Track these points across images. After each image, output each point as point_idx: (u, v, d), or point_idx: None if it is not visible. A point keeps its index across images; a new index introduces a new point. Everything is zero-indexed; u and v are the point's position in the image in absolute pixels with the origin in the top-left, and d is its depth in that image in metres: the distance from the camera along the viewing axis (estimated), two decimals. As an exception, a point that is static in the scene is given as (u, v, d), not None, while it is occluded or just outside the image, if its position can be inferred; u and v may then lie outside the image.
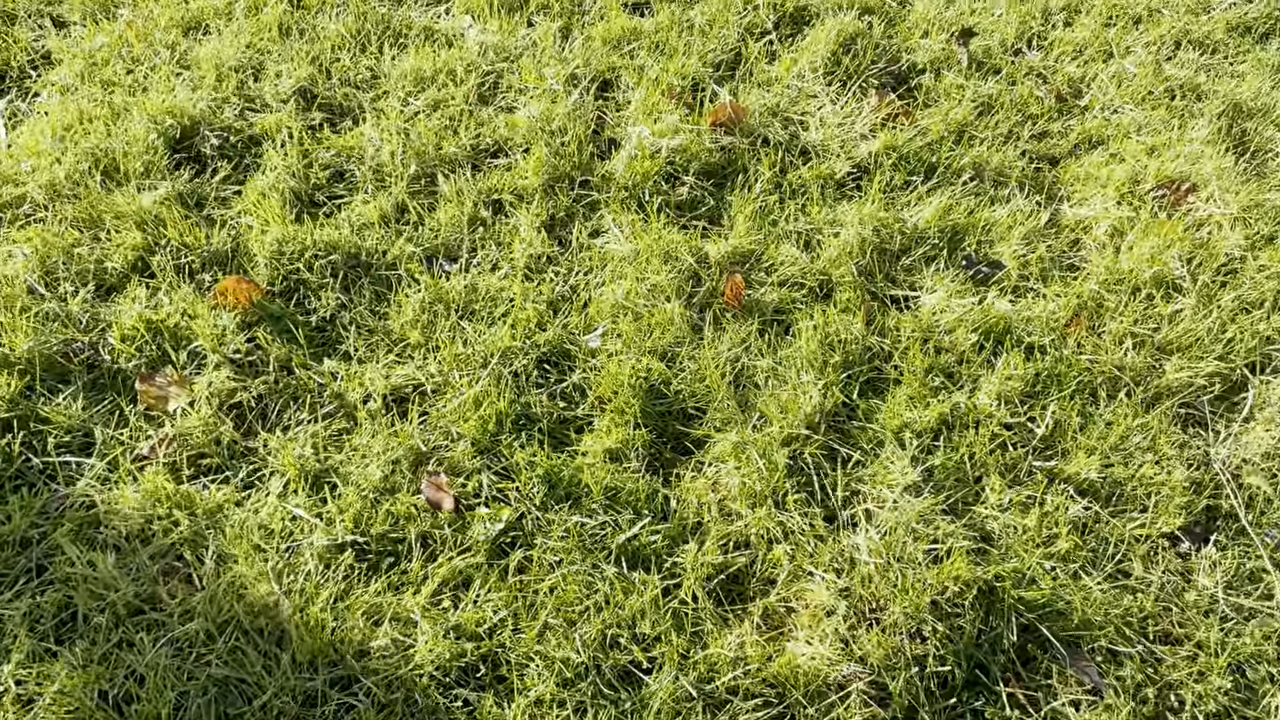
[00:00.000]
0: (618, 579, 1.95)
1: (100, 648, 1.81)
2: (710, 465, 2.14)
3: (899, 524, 2.03)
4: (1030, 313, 2.45)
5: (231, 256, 2.47)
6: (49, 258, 2.38)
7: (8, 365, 2.18)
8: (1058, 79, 3.16)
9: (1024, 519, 2.09)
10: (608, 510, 2.05)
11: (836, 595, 1.94)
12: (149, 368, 2.24)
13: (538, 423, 2.19)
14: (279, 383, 2.24)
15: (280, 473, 2.09)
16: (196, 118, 2.76)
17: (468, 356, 2.29)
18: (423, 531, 2.01)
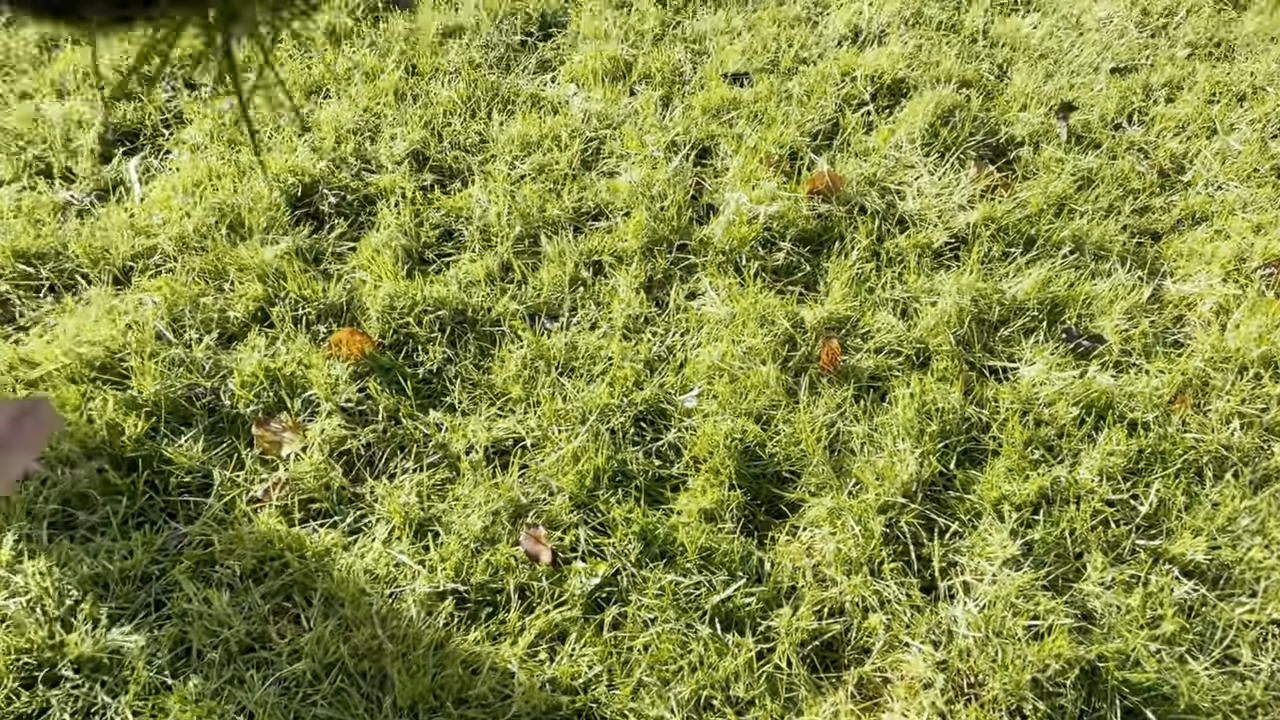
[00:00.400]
0: (712, 640, 1.96)
1: (213, 683, 1.88)
2: (805, 529, 2.15)
3: (998, 598, 2.01)
4: (1133, 388, 2.42)
5: (345, 309, 2.57)
6: (176, 306, 2.52)
7: (136, 407, 2.30)
8: (1159, 154, 3.14)
9: (1127, 598, 2.05)
10: (702, 570, 2.07)
11: (934, 668, 1.92)
12: (265, 413, 2.34)
13: (634, 480, 2.23)
14: (387, 432, 2.32)
15: (386, 519, 2.15)
16: (316, 177, 2.90)
17: (567, 412, 2.34)
18: (521, 583, 2.05)
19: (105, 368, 2.37)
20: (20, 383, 2.34)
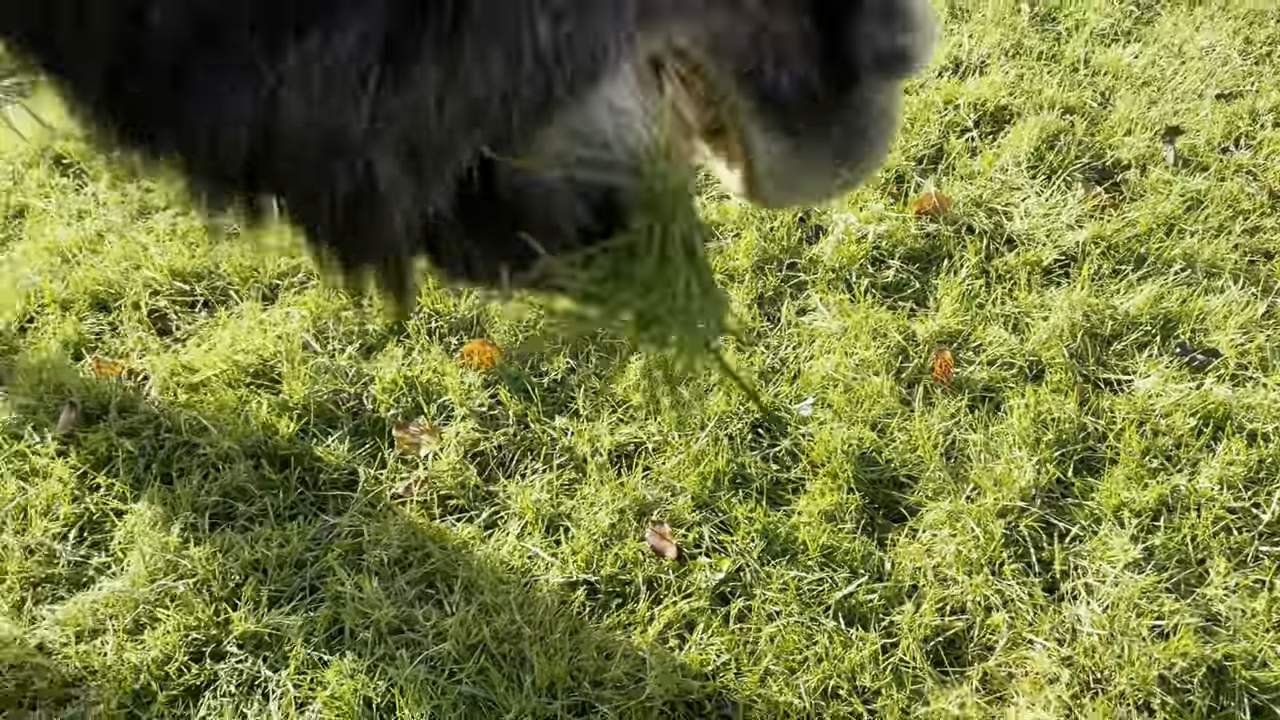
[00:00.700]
0: (836, 633, 2.02)
1: (365, 660, 2.00)
2: (924, 531, 2.21)
3: (1121, 599, 2.03)
4: (1251, 400, 2.43)
5: (474, 324, 2.72)
6: (320, 319, 2.70)
7: (287, 409, 2.46)
8: (1268, 176, 3.15)
9: (1253, 602, 2.05)
10: (823, 567, 2.13)
11: (1059, 663, 1.95)
12: (404, 417, 2.49)
13: (753, 482, 2.31)
14: (516, 435, 2.45)
15: (519, 515, 2.27)
16: (444, 202, 3.08)
17: (688, 420, 2.44)
18: (649, 576, 2.14)
19: (259, 374, 2.56)
20: (182, 387, 2.53)
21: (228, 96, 0.65)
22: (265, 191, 0.74)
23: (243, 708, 1.96)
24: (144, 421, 2.46)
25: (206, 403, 2.49)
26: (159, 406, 2.50)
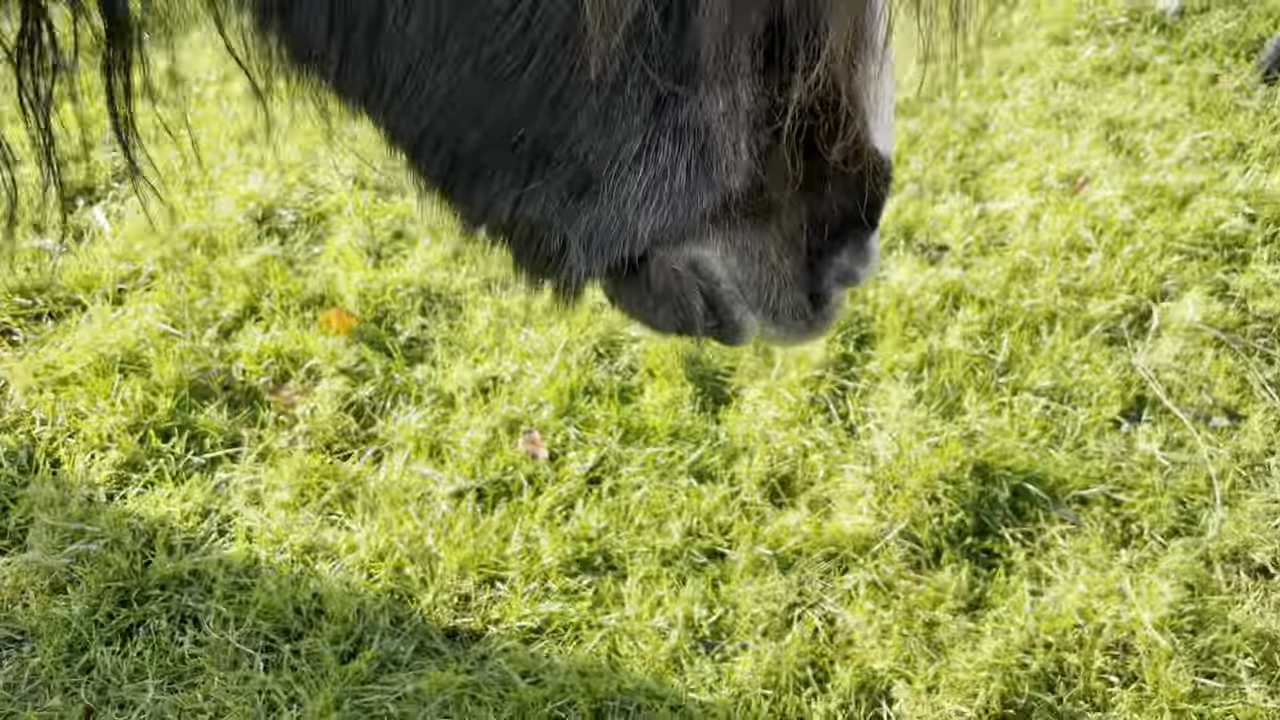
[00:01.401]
0: (690, 490, 2.44)
1: (286, 578, 2.22)
2: (748, 406, 2.67)
3: (904, 429, 2.56)
4: (977, 277, 3.06)
5: (324, 299, 2.97)
6: (174, 311, 2.86)
7: (161, 389, 2.63)
8: (967, 116, 3.88)
9: (999, 419, 2.64)
10: (672, 443, 2.55)
11: (864, 480, 2.45)
12: (275, 383, 2.71)
13: (603, 390, 2.70)
14: (385, 385, 2.72)
15: (402, 446, 2.55)
16: (272, 201, 3.30)
17: (537, 351, 2.80)
18: (528, 474, 2.48)
19: (126, 362, 2.69)
20: (48, 385, 2.64)
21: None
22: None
23: (178, 636, 2.14)
24: (16, 419, 2.55)
25: (77, 394, 2.61)
26: (26, 405, 2.60)
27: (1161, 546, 2.37)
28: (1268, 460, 2.60)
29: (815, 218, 1.17)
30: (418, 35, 0.93)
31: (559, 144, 1.00)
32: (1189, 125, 3.84)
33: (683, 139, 0.99)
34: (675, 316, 1.19)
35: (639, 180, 1.01)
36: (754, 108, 1.01)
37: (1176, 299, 3.04)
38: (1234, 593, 2.30)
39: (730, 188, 1.05)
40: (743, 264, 1.16)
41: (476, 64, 0.94)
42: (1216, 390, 2.78)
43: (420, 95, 0.99)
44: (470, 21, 0.91)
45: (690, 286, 1.16)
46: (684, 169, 1.01)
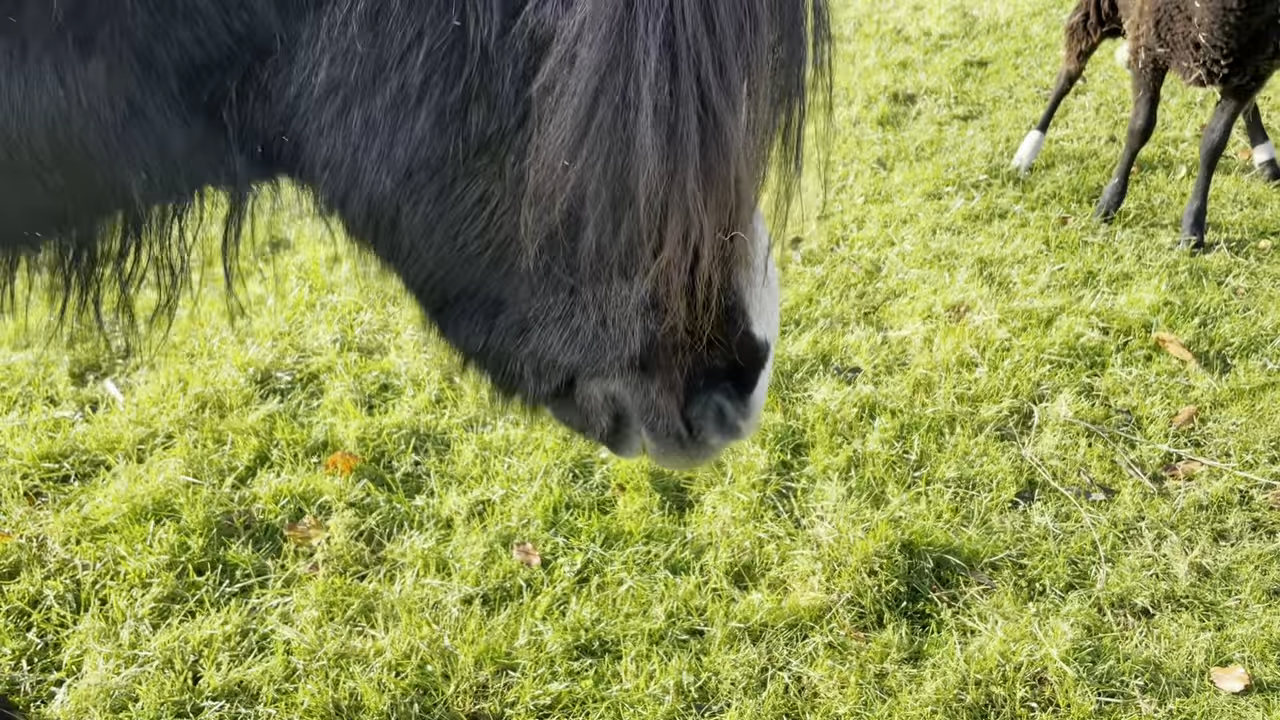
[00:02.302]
0: (667, 581, 2.85)
1: (325, 682, 2.54)
2: (708, 508, 3.11)
3: (841, 518, 3.04)
4: (887, 391, 3.62)
5: (326, 444, 3.36)
6: (194, 463, 3.21)
7: (191, 531, 2.96)
8: (863, 261, 4.54)
9: (917, 505, 3.13)
10: (647, 544, 2.97)
11: (813, 561, 2.90)
12: (291, 520, 3.06)
13: (582, 504, 3.12)
14: (390, 515, 3.10)
15: (411, 565, 2.91)
16: (269, 365, 3.71)
17: (519, 476, 3.22)
18: (525, 579, 2.86)
19: (156, 511, 3.02)
20: (85, 536, 2.94)
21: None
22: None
23: (234, 739, 2.42)
24: (61, 566, 2.85)
25: (115, 540, 2.92)
26: (66, 554, 2.89)
27: (1061, 598, 2.85)
28: (1139, 524, 3.13)
29: (700, 370, 1.44)
30: (418, 226, 1.32)
31: (508, 301, 1.37)
32: (1047, 259, 4.57)
33: (588, 311, 1.34)
34: (589, 427, 1.52)
35: (560, 333, 1.37)
36: (643, 295, 1.29)
37: (1052, 400, 3.64)
38: (1123, 630, 2.78)
39: (628, 349, 1.36)
40: (636, 397, 1.44)
41: (454, 246, 1.33)
42: (1092, 471, 3.34)
43: (419, 262, 1.38)
44: (450, 220, 1.30)
45: (600, 408, 1.47)
46: (591, 330, 1.35)
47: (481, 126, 1.21)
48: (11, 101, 1.21)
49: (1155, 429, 3.54)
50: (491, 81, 1.18)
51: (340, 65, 1.20)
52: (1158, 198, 5.31)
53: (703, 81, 1.08)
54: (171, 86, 1.25)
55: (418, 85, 1.18)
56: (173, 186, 1.39)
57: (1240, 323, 4.11)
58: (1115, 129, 6.20)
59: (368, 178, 1.28)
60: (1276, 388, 3.73)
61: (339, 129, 1.25)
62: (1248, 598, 2.85)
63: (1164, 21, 4.33)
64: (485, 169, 1.24)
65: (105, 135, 1.25)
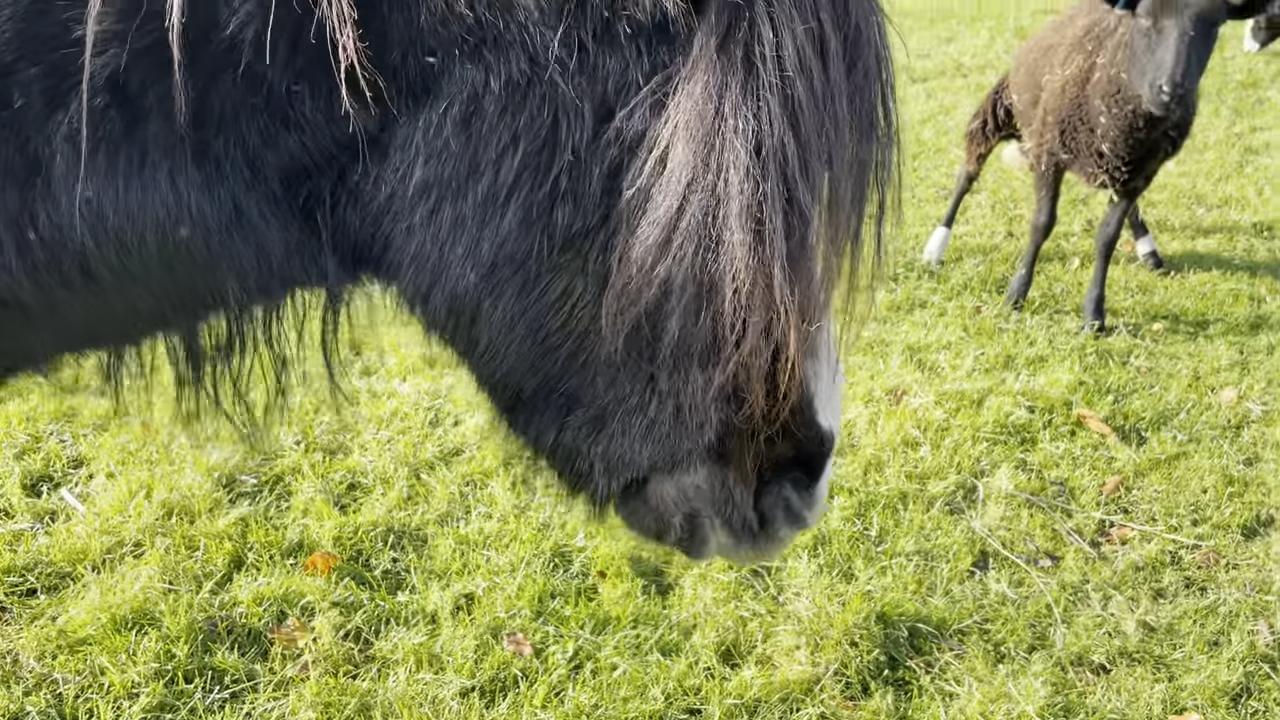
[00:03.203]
0: (658, 663, 2.93)
1: (333, 780, 2.52)
2: (690, 590, 3.22)
3: (817, 593, 3.18)
4: (841, 471, 3.82)
5: (302, 545, 3.35)
6: (168, 570, 3.17)
7: (175, 639, 2.91)
8: (801, 351, 4.79)
9: (885, 578, 3.31)
10: (635, 627, 3.05)
11: (796, 636, 3.03)
12: (275, 621, 3.04)
13: (566, 592, 3.19)
14: (374, 612, 3.10)
15: (403, 661, 2.92)
16: (231, 470, 3.69)
17: (500, 569, 3.28)
18: (519, 669, 2.91)
19: (136, 619, 2.96)
20: (62, 650, 2.86)
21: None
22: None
23: None
24: (39, 681, 2.77)
25: (95, 652, 2.85)
26: (42, 669, 2.81)
27: (1026, 659, 3.04)
28: (1086, 587, 3.37)
29: (770, 461, 1.47)
30: (499, 320, 1.36)
31: (584, 395, 1.38)
32: (968, 344, 4.91)
33: (664, 400, 1.36)
34: (664, 527, 1.51)
35: (636, 425, 1.38)
36: (722, 384, 1.32)
37: (992, 474, 3.90)
38: (1086, 686, 2.98)
39: (704, 438, 1.38)
40: (711, 489, 1.45)
41: (534, 340, 1.37)
42: (1036, 539, 3.59)
43: (497, 357, 1.41)
44: (532, 315, 1.35)
45: (675, 505, 1.47)
46: (668, 421, 1.37)
47: (567, 223, 1.26)
48: (128, 208, 1.24)
49: (1087, 498, 3.82)
50: (579, 181, 1.24)
51: (434, 166, 1.25)
52: (1058, 286, 5.76)
53: (789, 180, 1.18)
54: (274, 189, 1.29)
55: (508, 184, 1.24)
56: (267, 288, 1.43)
57: (1148, 398, 4.48)
58: (1011, 224, 6.71)
59: (453, 272, 1.31)
60: (1188, 456, 4.07)
61: (428, 226, 1.29)
62: (1191, 649, 3.09)
63: (1069, 132, 4.80)
64: (569, 264, 1.29)
65: (209, 238, 1.29)
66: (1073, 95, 4.75)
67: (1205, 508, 3.77)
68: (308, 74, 1.19)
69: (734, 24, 1.13)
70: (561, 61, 1.17)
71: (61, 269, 1.26)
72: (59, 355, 1.52)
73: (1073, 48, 4.80)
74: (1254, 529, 3.69)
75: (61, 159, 1.18)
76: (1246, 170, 7.76)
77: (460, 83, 1.20)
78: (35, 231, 1.20)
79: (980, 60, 11.21)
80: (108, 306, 1.39)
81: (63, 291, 1.30)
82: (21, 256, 1.24)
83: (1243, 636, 3.12)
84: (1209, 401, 4.49)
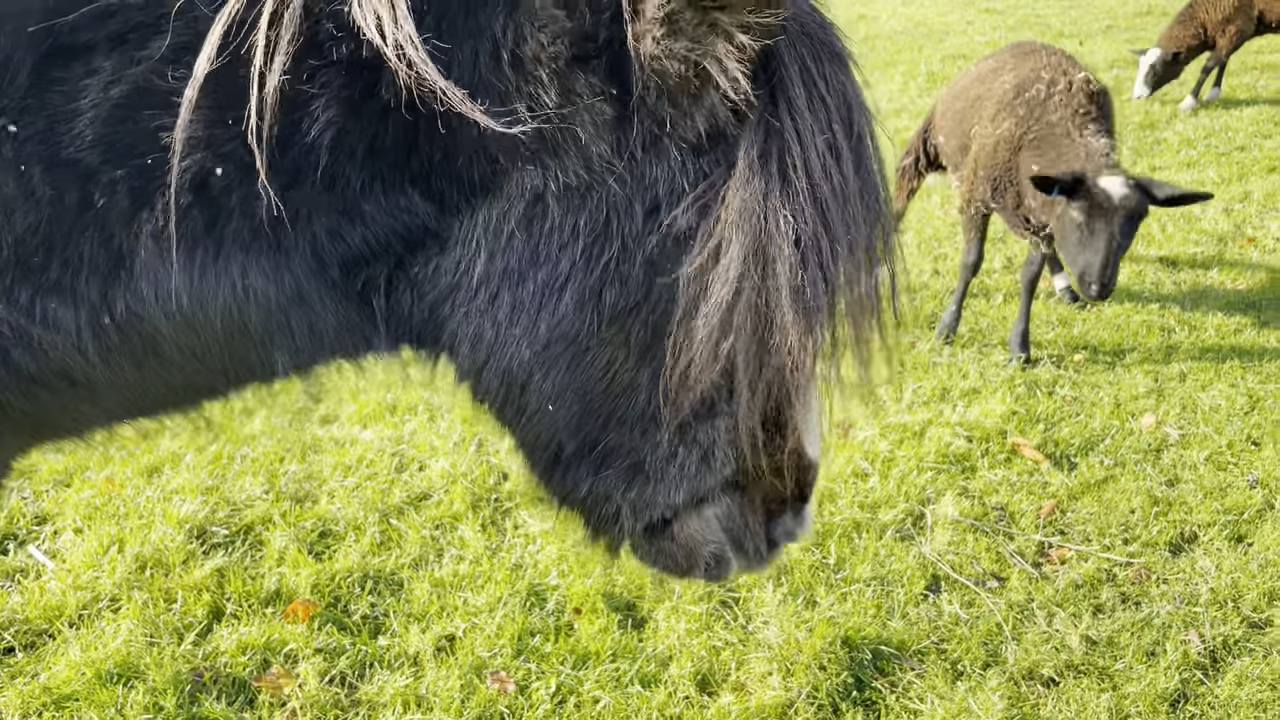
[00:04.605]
0: (639, 695, 3.05)
1: (333, 822, 2.58)
2: (663, 622, 3.35)
3: (784, 620, 3.35)
4: (798, 504, 4.00)
5: (279, 594, 3.40)
6: (147, 622, 3.19)
7: (160, 691, 2.94)
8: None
9: (845, 603, 3.49)
10: (614, 660, 3.17)
11: (768, 662, 3.18)
12: (259, 669, 3.08)
13: (544, 630, 3.30)
14: (357, 657, 3.17)
15: (389, 705, 2.99)
16: (201, 522, 3.72)
17: (477, 609, 3.37)
18: (506, 705, 3.00)
19: (121, 673, 2.98)
20: (48, 708, 2.87)
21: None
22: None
23: None
24: (25, 740, 2.77)
25: (81, 709, 2.86)
26: (27, 729, 2.82)
27: (981, 675, 3.24)
28: (1031, 605, 3.60)
29: (776, 494, 1.68)
30: (549, 389, 1.49)
31: (621, 449, 1.52)
32: (906, 378, 5.16)
33: (695, 446, 1.53)
34: (692, 560, 1.66)
35: (671, 472, 1.54)
36: (734, 431, 1.52)
37: (938, 501, 4.13)
38: (1038, 699, 3.19)
39: (723, 475, 1.58)
40: (731, 520, 1.65)
41: (580, 405, 1.50)
42: (982, 561, 3.81)
43: (544, 422, 1.54)
44: (580, 383, 1.48)
45: (701, 538, 1.64)
46: (696, 465, 1.54)
47: (613, 302, 1.40)
48: (202, 295, 1.33)
49: (1026, 521, 4.07)
50: (625, 266, 1.39)
51: (498, 260, 1.38)
52: (984, 321, 6.08)
53: (824, 267, 1.38)
54: (334, 276, 1.39)
55: (565, 273, 1.38)
56: (312, 362, 1.55)
57: (1075, 426, 4.78)
58: (936, 263, 7.04)
59: (508, 350, 1.44)
60: (1115, 480, 4.36)
61: (487, 312, 1.42)
62: (1131, 660, 3.33)
63: (999, 190, 5.12)
64: (613, 338, 1.43)
65: (269, 319, 1.38)
66: (1004, 159, 5.06)
67: (1134, 527, 4.05)
68: (382, 175, 1.31)
69: (769, 140, 1.32)
70: (614, 169, 1.32)
71: (134, 351, 1.34)
72: (106, 426, 1.59)
73: (1002, 107, 5.12)
74: (1179, 545, 3.98)
75: (145, 253, 1.27)
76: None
77: (521, 185, 1.33)
78: (112, 318, 1.28)
79: (896, 105, 11.71)
80: (168, 381, 1.47)
81: (132, 371, 1.37)
82: (97, 340, 1.31)
83: (1176, 646, 3.37)
84: (1130, 427, 4.81)
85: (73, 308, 1.26)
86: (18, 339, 1.25)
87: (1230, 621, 3.53)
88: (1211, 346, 5.67)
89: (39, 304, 1.25)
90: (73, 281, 1.25)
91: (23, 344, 1.26)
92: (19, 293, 1.24)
